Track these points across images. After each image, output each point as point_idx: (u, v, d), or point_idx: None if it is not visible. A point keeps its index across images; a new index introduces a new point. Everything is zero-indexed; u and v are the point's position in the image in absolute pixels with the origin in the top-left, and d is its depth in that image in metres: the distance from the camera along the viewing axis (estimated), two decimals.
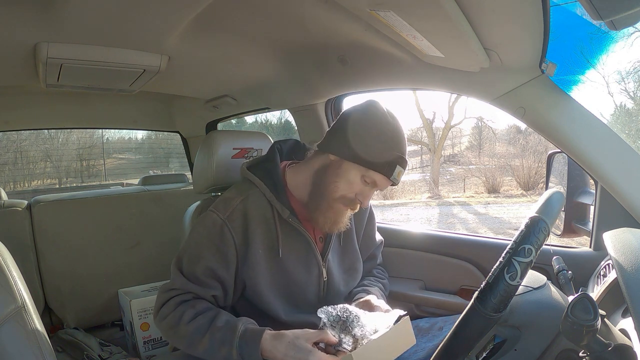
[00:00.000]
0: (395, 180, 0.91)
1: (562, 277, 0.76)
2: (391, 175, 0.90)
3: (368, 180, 0.91)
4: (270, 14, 0.96)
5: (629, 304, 0.52)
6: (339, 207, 0.93)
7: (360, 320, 0.79)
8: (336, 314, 0.79)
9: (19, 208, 1.82)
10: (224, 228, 0.92)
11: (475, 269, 1.24)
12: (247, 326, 0.84)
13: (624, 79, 10.42)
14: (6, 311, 0.67)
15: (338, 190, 0.92)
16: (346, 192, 0.92)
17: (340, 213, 0.94)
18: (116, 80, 1.26)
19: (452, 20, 0.72)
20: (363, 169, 0.90)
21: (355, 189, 0.92)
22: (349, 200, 0.93)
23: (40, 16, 0.86)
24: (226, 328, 0.84)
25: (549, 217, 0.60)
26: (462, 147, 16.72)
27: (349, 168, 0.91)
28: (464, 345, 0.59)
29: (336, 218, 0.94)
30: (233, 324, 0.84)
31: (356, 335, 0.77)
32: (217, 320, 0.85)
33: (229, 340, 0.82)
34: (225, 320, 0.86)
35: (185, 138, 2.33)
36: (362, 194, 0.93)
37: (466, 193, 11.80)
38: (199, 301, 0.90)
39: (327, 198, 0.92)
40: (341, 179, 0.91)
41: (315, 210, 0.94)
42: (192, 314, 0.87)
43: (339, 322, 0.79)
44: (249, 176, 0.99)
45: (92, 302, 1.92)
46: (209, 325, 0.85)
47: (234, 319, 0.87)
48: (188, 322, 0.86)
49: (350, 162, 0.91)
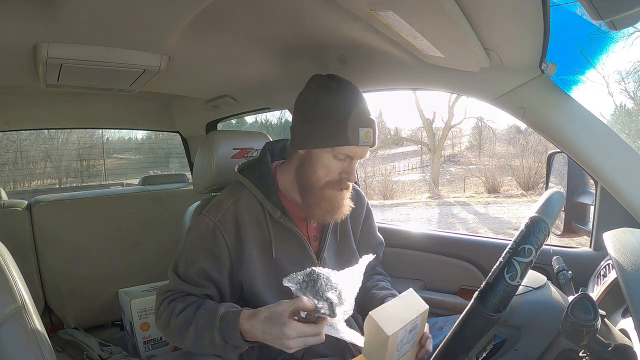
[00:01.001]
0: (367, 142, 0.88)
1: (562, 277, 0.76)
2: (358, 141, 0.87)
3: (341, 156, 0.89)
4: (270, 14, 0.96)
5: (629, 304, 0.52)
6: (329, 193, 0.92)
7: (331, 280, 0.75)
8: (302, 279, 0.75)
9: (19, 208, 1.82)
10: (216, 231, 0.92)
11: (475, 269, 1.24)
12: (227, 309, 0.83)
13: (624, 79, 10.43)
14: (6, 311, 0.67)
15: (320, 178, 0.91)
16: (329, 177, 0.91)
17: (335, 199, 0.93)
18: (116, 80, 1.26)
19: (452, 20, 0.72)
20: (330, 149, 0.88)
21: (334, 169, 0.91)
22: (335, 183, 0.92)
23: (40, 16, 0.86)
24: (208, 314, 0.83)
25: (549, 217, 0.60)
26: (462, 147, 16.74)
27: (318, 155, 0.90)
28: (464, 345, 0.60)
29: (332, 205, 0.93)
30: (214, 309, 0.84)
31: (330, 299, 0.73)
32: (201, 309, 0.86)
33: (210, 324, 0.81)
34: (208, 307, 0.86)
35: (185, 138, 2.33)
36: (344, 172, 0.91)
37: (466, 193, 11.80)
38: (190, 296, 0.91)
39: (315, 190, 0.92)
40: (318, 167, 0.90)
41: (310, 206, 0.94)
42: (182, 307, 0.88)
43: (308, 287, 0.74)
44: (239, 178, 0.99)
45: (92, 302, 1.91)
46: (194, 314, 0.85)
47: (216, 305, 0.86)
48: (177, 315, 0.87)
49: (316, 149, 0.90)
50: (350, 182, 0.93)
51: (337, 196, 0.93)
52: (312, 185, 0.92)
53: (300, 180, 0.94)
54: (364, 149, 0.90)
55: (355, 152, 0.89)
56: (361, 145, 0.88)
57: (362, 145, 0.89)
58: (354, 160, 0.92)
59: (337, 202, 0.94)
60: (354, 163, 0.92)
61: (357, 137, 0.87)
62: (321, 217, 0.94)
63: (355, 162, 0.92)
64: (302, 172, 0.93)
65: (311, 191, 0.92)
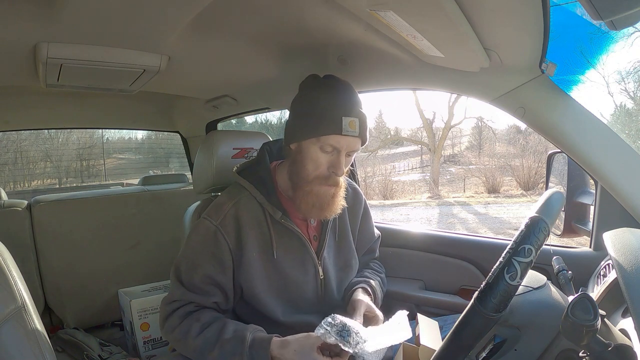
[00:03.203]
0: (351, 131, 0.88)
1: (562, 277, 0.76)
2: (341, 130, 0.87)
3: (328, 148, 0.89)
4: (270, 14, 0.96)
5: (629, 304, 0.52)
6: (317, 188, 0.91)
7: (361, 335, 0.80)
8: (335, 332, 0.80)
9: (19, 208, 1.81)
10: (218, 234, 0.92)
11: (475, 269, 1.24)
12: (255, 335, 0.85)
13: (624, 79, 10.43)
14: (6, 311, 0.67)
15: (309, 172, 0.91)
16: (317, 171, 0.91)
17: (323, 195, 0.92)
18: (116, 80, 1.26)
19: (452, 20, 0.72)
20: (315, 139, 0.89)
21: (322, 163, 0.90)
22: (324, 177, 0.91)
23: (40, 16, 0.86)
24: (235, 339, 0.85)
25: (549, 217, 0.60)
26: (462, 147, 16.73)
27: (305, 147, 0.91)
28: (464, 345, 0.59)
29: (320, 201, 0.92)
30: (241, 335, 0.85)
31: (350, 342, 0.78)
32: (225, 332, 0.86)
33: (239, 351, 0.83)
34: (232, 330, 0.86)
35: (185, 138, 2.33)
36: (332, 165, 0.91)
37: (466, 193, 11.80)
38: (203, 312, 0.91)
39: (303, 184, 0.92)
40: (307, 161, 0.91)
41: (297, 199, 0.93)
42: (199, 327, 0.88)
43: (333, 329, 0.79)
44: (239, 180, 0.99)
45: (92, 302, 1.91)
46: (217, 338, 0.86)
47: (241, 327, 0.87)
48: (196, 337, 0.87)
49: (304, 141, 0.91)
50: (339, 177, 0.92)
51: (326, 192, 0.92)
52: (301, 180, 0.92)
53: (291, 176, 0.95)
54: (350, 139, 0.89)
55: (340, 142, 0.88)
56: (345, 135, 0.88)
57: (347, 135, 0.88)
58: (342, 153, 0.90)
59: (325, 198, 0.92)
60: (341, 156, 0.90)
61: (340, 126, 0.87)
62: (308, 212, 0.93)
63: (343, 155, 0.91)
64: (293, 168, 0.94)
65: (299, 185, 0.92)
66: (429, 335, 0.82)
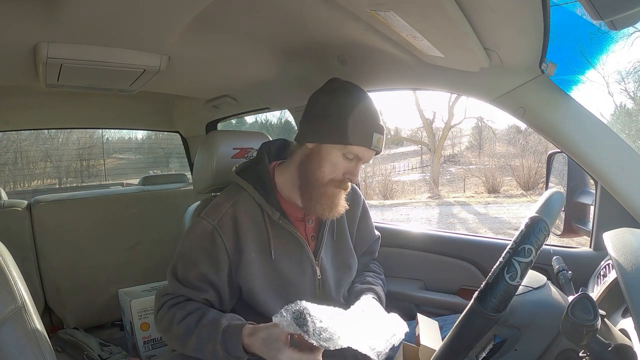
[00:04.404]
0: (377, 147, 0.91)
1: (562, 277, 0.76)
2: (371, 144, 0.90)
3: (350, 156, 0.91)
4: (270, 14, 0.96)
5: (629, 304, 0.52)
6: (331, 190, 0.93)
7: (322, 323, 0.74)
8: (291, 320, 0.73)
9: (19, 208, 1.81)
10: (215, 234, 0.92)
11: (475, 269, 1.24)
12: (230, 322, 0.85)
13: (624, 79, 10.43)
14: (6, 311, 0.67)
15: (325, 175, 0.92)
16: (333, 175, 0.92)
17: (334, 196, 0.94)
18: (116, 80, 1.26)
19: (452, 20, 0.72)
20: (342, 146, 0.90)
21: (340, 168, 0.92)
22: (338, 181, 0.93)
23: (40, 16, 0.86)
24: (211, 325, 0.85)
25: (549, 217, 0.59)
26: (462, 147, 16.72)
27: (328, 150, 0.91)
28: (464, 345, 0.59)
29: (332, 202, 0.94)
30: (217, 320, 0.85)
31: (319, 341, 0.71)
32: (204, 318, 0.87)
33: (213, 336, 0.83)
34: (211, 317, 0.87)
35: (185, 138, 2.33)
36: (349, 172, 0.93)
37: (466, 193, 11.80)
38: (190, 302, 0.92)
39: (317, 185, 0.93)
40: (325, 163, 0.92)
41: (310, 201, 0.94)
42: (183, 314, 0.89)
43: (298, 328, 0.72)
44: (237, 180, 0.99)
45: (92, 302, 1.91)
46: (197, 324, 0.86)
47: (219, 315, 0.88)
48: (179, 323, 0.88)
49: (328, 145, 0.91)
50: (352, 184, 0.95)
51: (337, 194, 0.95)
52: (316, 181, 0.93)
53: (303, 174, 0.95)
54: (372, 153, 0.93)
55: (365, 154, 0.92)
56: (372, 149, 0.91)
57: (373, 149, 0.92)
58: (360, 164, 0.94)
59: (336, 200, 0.95)
60: (359, 166, 0.94)
61: (370, 141, 0.90)
62: (320, 213, 0.95)
63: (361, 165, 0.94)
64: (307, 167, 0.94)
65: (314, 186, 0.93)
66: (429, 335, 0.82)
